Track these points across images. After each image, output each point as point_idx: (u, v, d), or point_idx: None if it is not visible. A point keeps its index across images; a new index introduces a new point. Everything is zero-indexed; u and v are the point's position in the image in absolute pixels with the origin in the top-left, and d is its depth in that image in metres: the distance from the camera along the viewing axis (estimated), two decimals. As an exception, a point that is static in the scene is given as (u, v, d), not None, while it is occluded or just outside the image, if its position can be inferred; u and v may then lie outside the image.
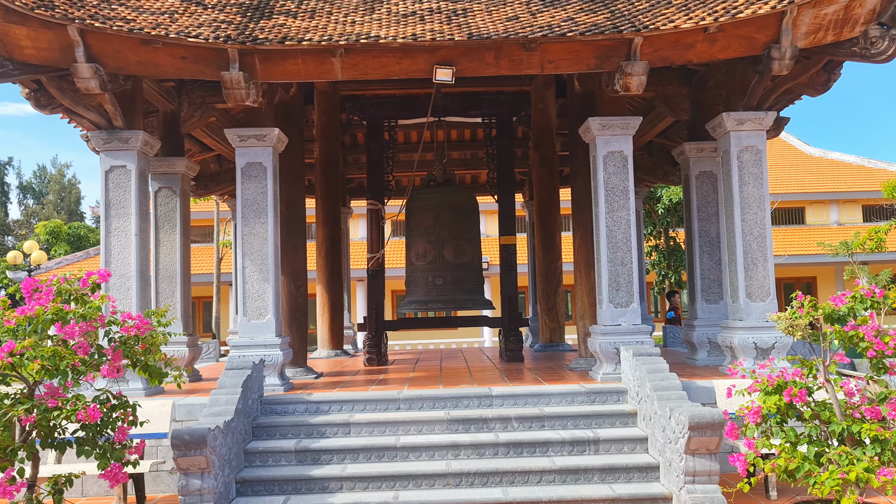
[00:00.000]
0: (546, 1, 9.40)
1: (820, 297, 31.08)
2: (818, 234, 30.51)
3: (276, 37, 8.40)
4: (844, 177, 33.47)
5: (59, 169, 64.42)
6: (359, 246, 24.87)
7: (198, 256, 26.21)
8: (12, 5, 7.85)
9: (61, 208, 61.04)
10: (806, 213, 32.69)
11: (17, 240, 55.57)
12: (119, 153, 9.27)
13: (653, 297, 29.20)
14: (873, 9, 8.32)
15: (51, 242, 38.57)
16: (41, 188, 63.73)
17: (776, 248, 26.98)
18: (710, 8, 8.52)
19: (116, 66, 8.54)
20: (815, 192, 32.26)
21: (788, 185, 32.30)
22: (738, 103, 9.48)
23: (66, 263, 30.00)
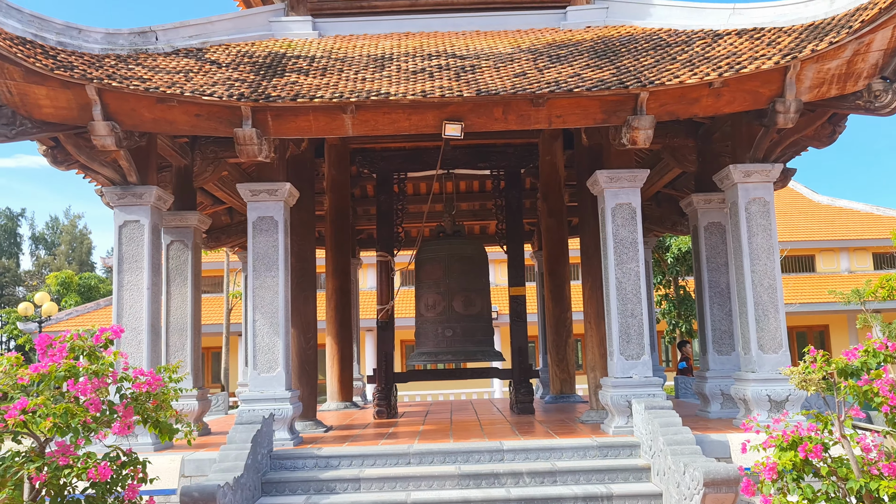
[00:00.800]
0: (553, 57, 9.59)
1: (833, 345, 30.78)
2: (829, 281, 30.35)
3: (289, 94, 8.58)
4: (854, 224, 33.44)
5: (72, 220, 65.11)
6: (368, 296, 24.91)
7: (207, 306, 26.25)
8: (33, 67, 8.07)
9: (72, 259, 61.48)
10: (816, 261, 32.59)
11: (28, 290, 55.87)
12: (133, 208, 9.39)
13: (664, 347, 28.98)
14: (875, 63, 8.44)
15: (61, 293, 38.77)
16: (53, 239, 64.34)
17: (787, 296, 26.85)
18: (714, 63, 8.67)
19: (132, 124, 8.72)
20: (824, 239, 32.22)
21: (798, 232, 32.28)
22: (745, 155, 9.57)
23: (76, 315, 30.11)
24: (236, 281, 25.51)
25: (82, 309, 31.07)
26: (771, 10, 9.61)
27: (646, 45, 9.81)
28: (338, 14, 11.53)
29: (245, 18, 11.16)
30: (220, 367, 25.74)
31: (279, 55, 10.14)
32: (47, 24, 8.96)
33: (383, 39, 10.92)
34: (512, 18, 11.41)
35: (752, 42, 9.13)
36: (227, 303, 24.36)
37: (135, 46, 9.72)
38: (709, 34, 9.80)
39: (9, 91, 8.30)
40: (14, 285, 57.50)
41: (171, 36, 10.17)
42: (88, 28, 9.36)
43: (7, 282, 57.16)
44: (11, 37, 8.33)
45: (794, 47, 8.52)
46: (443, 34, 11.16)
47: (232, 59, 9.91)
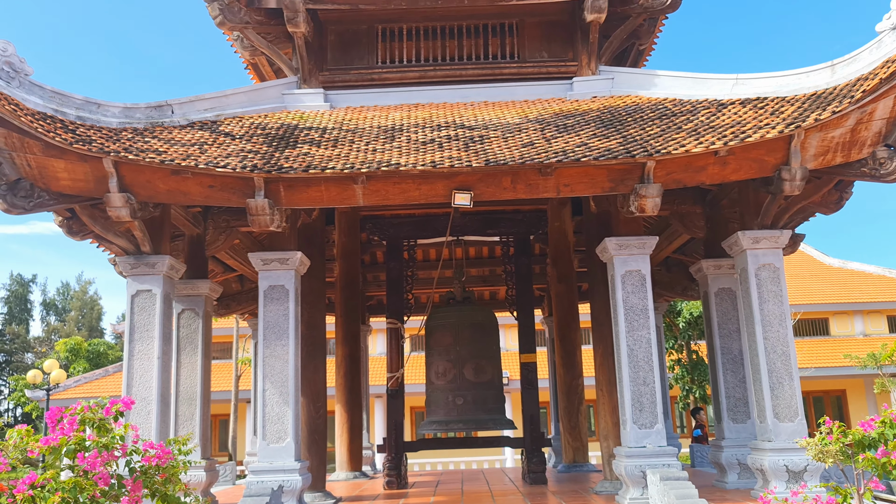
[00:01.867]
0: (560, 127, 9.77)
1: (851, 411, 30.23)
2: (844, 345, 30.02)
3: (301, 165, 8.74)
4: (866, 287, 33.24)
5: (83, 286, 65.52)
6: (377, 361, 24.77)
7: (216, 373, 26.13)
8: (53, 141, 8.28)
9: (82, 325, 61.62)
10: (830, 324, 32.30)
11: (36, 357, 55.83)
12: (145, 278, 9.47)
13: (678, 413, 28.52)
14: (879, 131, 8.55)
15: (70, 359, 38.71)
16: (64, 305, 64.62)
17: (802, 359, 26.52)
18: (719, 132, 8.80)
19: (147, 195, 8.88)
20: (837, 302, 31.99)
21: (810, 295, 32.08)
22: (753, 222, 9.62)
23: (84, 382, 30.00)
24: (245, 347, 25.46)
25: (91, 376, 30.98)
26: (773, 80, 9.80)
27: (651, 114, 9.99)
28: (349, 86, 11.83)
29: (259, 91, 11.47)
30: (228, 436, 25.45)
31: (292, 127, 10.37)
32: (67, 99, 9.23)
33: (394, 110, 11.16)
34: (519, 89, 11.67)
35: (755, 111, 9.28)
36: (236, 370, 24.26)
37: (151, 119, 9.97)
38: (713, 104, 9.98)
39: (28, 164, 8.49)
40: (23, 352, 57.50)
41: (186, 109, 10.44)
42: (107, 103, 9.62)
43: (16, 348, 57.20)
44: (33, 112, 8.57)
45: (797, 116, 8.66)
46: (452, 105, 11.41)
47: (245, 130, 10.14)
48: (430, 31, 12.10)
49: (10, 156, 8.42)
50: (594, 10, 11.21)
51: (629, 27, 11.79)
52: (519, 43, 12.03)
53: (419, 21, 12.03)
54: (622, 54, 13.04)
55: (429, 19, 12.02)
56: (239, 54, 13.08)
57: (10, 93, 8.52)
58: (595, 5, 11.19)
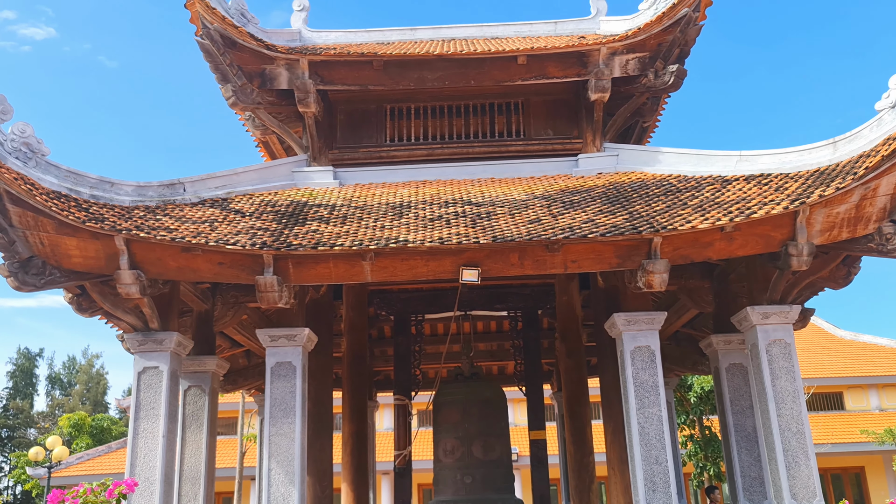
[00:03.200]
0: (566, 203, 9.87)
1: (871, 489, 29.39)
2: (860, 420, 29.42)
3: (310, 242, 8.81)
4: (880, 360, 32.78)
5: (89, 360, 65.23)
6: (384, 437, 24.37)
7: (220, 449, 25.64)
8: (66, 220, 8.41)
9: (87, 399, 61.09)
10: (845, 399, 31.73)
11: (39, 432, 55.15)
12: (153, 354, 9.45)
13: (692, 491, 27.78)
14: (884, 207, 8.61)
15: (73, 435, 38.19)
16: (69, 379, 64.21)
17: (817, 435, 25.97)
18: (724, 208, 8.87)
19: (157, 272, 8.94)
20: (851, 376, 31.50)
21: (823, 369, 31.63)
22: (762, 297, 9.59)
23: (87, 458, 29.54)
24: (251, 423, 25.13)
25: (93, 452, 30.52)
26: (776, 156, 9.93)
27: (657, 190, 10.10)
28: (358, 164, 12.05)
29: (269, 169, 11.68)
30: (231, 514, 24.86)
31: (301, 204, 10.51)
32: (82, 178, 9.42)
33: (401, 187, 11.32)
34: (526, 166, 11.85)
35: (760, 187, 9.38)
36: (240, 446, 23.89)
37: (163, 197, 10.14)
38: (717, 180, 10.09)
39: (41, 242, 8.60)
40: (26, 427, 56.86)
41: (198, 187, 10.62)
42: (120, 181, 9.81)
43: (19, 423, 56.59)
44: (48, 191, 8.74)
45: (801, 192, 8.73)
46: (459, 182, 11.57)
47: (255, 208, 10.28)
48: (438, 109, 12.39)
49: (23, 234, 8.54)
50: (598, 90, 11.48)
51: (633, 105, 12.04)
52: (525, 121, 12.29)
53: (427, 100, 12.33)
54: (626, 131, 13.27)
55: (436, 99, 12.32)
56: (251, 133, 13.39)
57: (27, 173, 8.71)
58: (599, 85, 11.46)
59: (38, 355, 63.08)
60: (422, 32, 13.60)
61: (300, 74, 11.52)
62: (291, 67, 11.58)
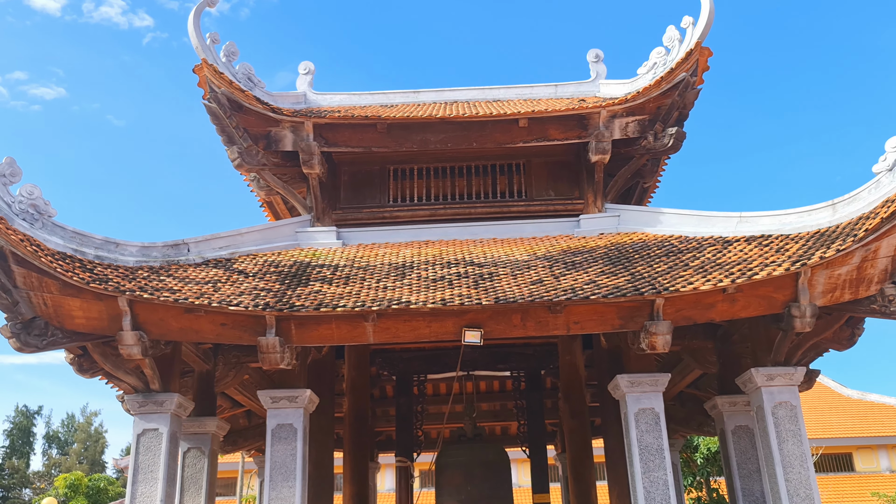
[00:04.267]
0: (568, 264, 9.90)
1: (884, 553, 28.62)
2: (870, 482, 28.86)
3: (312, 303, 8.82)
4: (890, 420, 32.31)
5: (87, 417, 64.47)
6: (386, 498, 23.92)
7: (219, 512, 25.22)
8: (71, 281, 8.45)
9: (84, 458, 60.20)
10: (854, 460, 31.18)
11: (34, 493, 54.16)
12: (153, 416, 9.37)
13: (700, 556, 27.06)
14: (885, 269, 8.63)
15: (69, 496, 37.47)
16: (67, 437, 63.37)
17: (827, 498, 25.45)
18: (726, 270, 8.89)
19: (159, 333, 8.94)
20: (860, 436, 31.02)
21: (830, 429, 31.18)
22: (766, 358, 9.53)
23: (82, 520, 28.92)
24: (250, 484, 24.73)
25: (89, 514, 29.88)
26: (776, 217, 10.00)
27: (658, 251, 10.15)
28: (361, 224, 12.14)
29: (273, 230, 11.77)
30: (228, 580, 24.24)
31: (304, 264, 10.56)
32: (87, 239, 9.49)
33: (404, 248, 11.38)
34: (527, 226, 11.93)
35: (761, 248, 9.42)
36: (239, 508, 23.45)
37: (167, 258, 10.20)
38: (718, 241, 10.14)
39: (44, 303, 8.62)
40: (21, 487, 55.87)
41: (202, 247, 10.69)
42: (125, 242, 9.88)
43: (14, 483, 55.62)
44: (53, 252, 8.80)
45: (802, 254, 8.77)
46: (461, 242, 11.63)
47: (259, 268, 10.32)
48: (441, 170, 12.54)
49: (27, 295, 8.57)
50: (598, 152, 11.64)
51: (633, 167, 12.18)
52: (526, 182, 12.42)
53: (429, 162, 12.49)
54: (627, 192, 13.40)
55: (439, 160, 12.49)
56: (255, 193, 13.53)
57: (33, 234, 8.79)
58: (599, 147, 11.62)
59: (36, 413, 62.39)
60: (425, 95, 13.87)
61: (305, 136, 11.71)
62: (296, 130, 11.78)
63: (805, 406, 9.56)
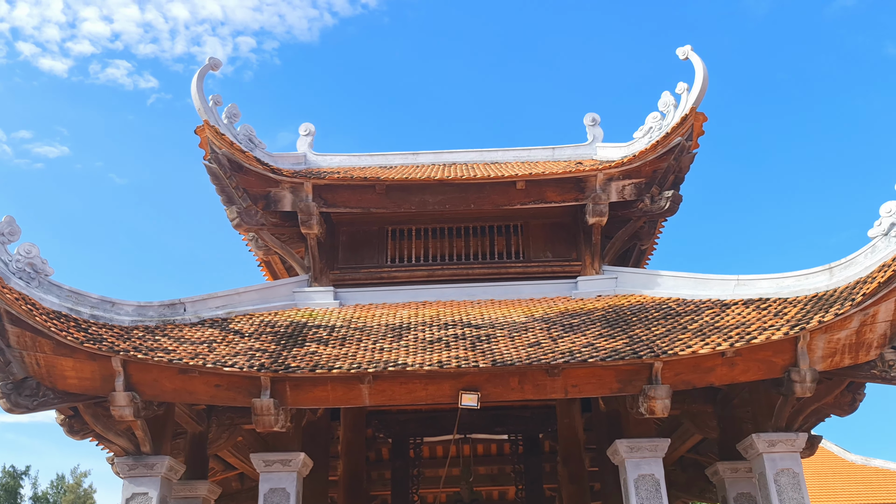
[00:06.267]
0: (566, 326, 9.85)
1: None
2: (876, 550, 28.07)
3: (308, 365, 8.73)
4: (894, 486, 31.67)
5: (77, 478, 62.97)
6: (380, 567, 23.21)
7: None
8: (65, 340, 8.38)
9: (72, 521, 58.65)
10: (859, 527, 30.43)
11: (18, 559, 52.58)
12: (143, 479, 9.18)
13: None
14: (884, 333, 8.59)
15: (56, 560, 36.47)
16: (56, 498, 61.91)
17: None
18: (724, 333, 8.84)
19: (153, 394, 8.82)
20: (865, 503, 30.34)
21: (834, 496, 30.44)
22: (767, 424, 9.41)
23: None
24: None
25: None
26: (774, 281, 10.00)
27: (656, 314, 10.11)
28: (359, 284, 12.12)
29: (270, 289, 11.75)
30: None
31: (301, 325, 10.50)
32: (83, 298, 9.46)
33: (402, 308, 11.34)
34: (525, 288, 11.92)
35: (759, 312, 9.39)
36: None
37: (163, 318, 10.15)
38: (716, 304, 10.12)
39: (37, 363, 8.53)
40: (3, 555, 54.31)
41: (198, 307, 10.65)
42: (121, 301, 9.85)
43: (-3, 549, 54.12)
44: (48, 311, 8.76)
45: (801, 318, 8.74)
46: (459, 303, 11.60)
47: (255, 328, 10.26)
48: (439, 231, 12.60)
49: (20, 355, 8.49)
50: (595, 214, 11.72)
51: (630, 229, 12.25)
52: (524, 243, 12.47)
53: (427, 222, 12.56)
54: (625, 254, 13.44)
55: (437, 221, 12.55)
56: (253, 253, 13.55)
57: (29, 293, 8.77)
58: (596, 209, 11.71)
59: (24, 473, 61.02)
60: (423, 157, 14.04)
61: (304, 197, 11.79)
62: (296, 190, 11.86)
63: (807, 471, 9.39)
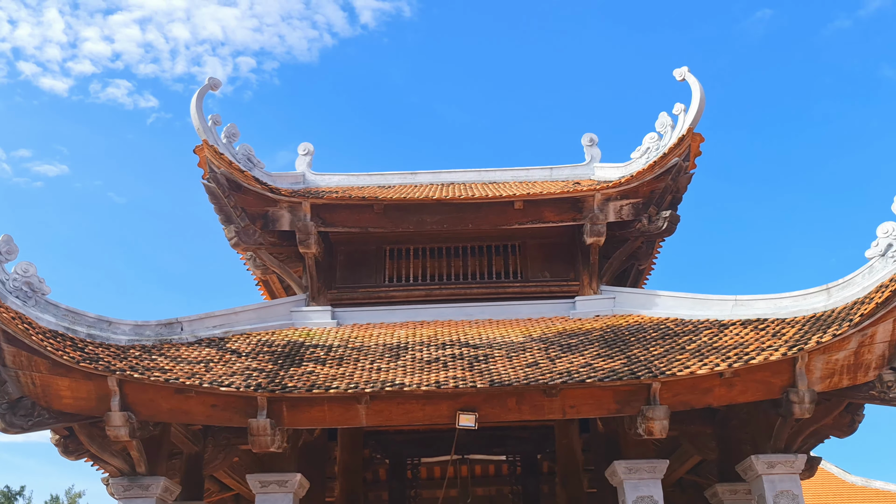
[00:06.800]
0: (564, 347, 9.83)
1: None
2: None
3: (305, 385, 8.69)
4: (894, 508, 31.45)
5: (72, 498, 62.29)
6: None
7: None
8: (61, 360, 8.35)
9: (66, 542, 58.11)
10: (861, 553, 30.16)
11: (14, 578, 52.01)
12: (138, 500, 9.13)
13: None
14: (882, 354, 8.57)
15: (49, 583, 36.08)
16: (50, 519, 61.39)
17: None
18: (722, 354, 8.82)
19: (148, 414, 8.77)
20: (867, 526, 30.09)
21: (835, 517, 30.27)
22: (766, 445, 9.37)
23: None
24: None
25: None
26: (772, 301, 10.00)
27: (654, 334, 10.10)
28: (356, 304, 12.10)
29: (268, 309, 11.73)
30: None
31: (298, 344, 10.47)
32: (80, 317, 9.44)
33: (399, 328, 11.32)
34: (523, 307, 11.91)
35: (756, 332, 9.38)
36: None
37: (160, 337, 10.12)
38: (714, 324, 10.11)
39: (32, 382, 8.49)
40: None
41: (195, 326, 10.62)
42: (118, 321, 9.83)
43: (-7, 568, 53.54)
44: (44, 330, 8.73)
45: (798, 338, 8.73)
46: (457, 322, 11.58)
47: (252, 348, 10.23)
48: (437, 251, 12.60)
49: (16, 374, 8.46)
50: (593, 234, 11.73)
51: (628, 249, 12.26)
52: (522, 263, 12.47)
53: (426, 242, 12.56)
54: (623, 274, 13.44)
55: (435, 240, 12.56)
56: (251, 272, 13.55)
57: (26, 312, 8.75)
58: (594, 229, 11.72)
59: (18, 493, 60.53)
60: (422, 176, 14.08)
61: (302, 217, 11.81)
62: (294, 210, 11.88)
63: (807, 493, 9.35)
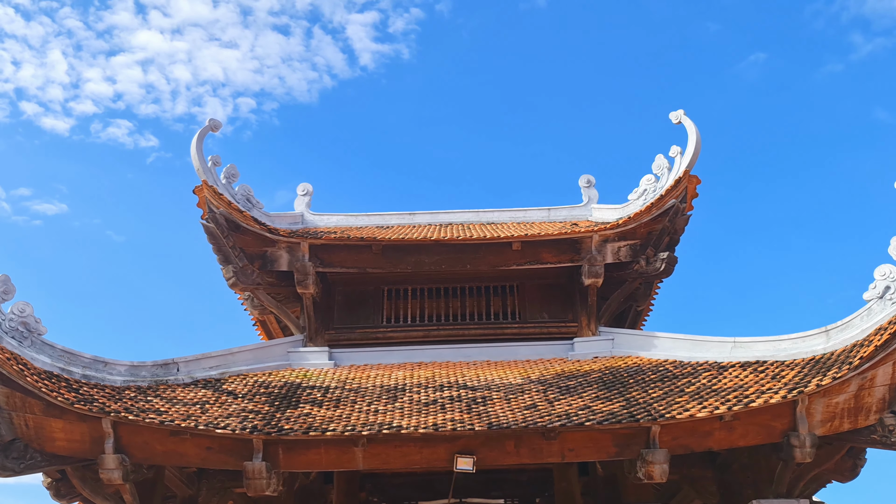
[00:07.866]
0: (562, 389, 9.77)
1: None
2: None
3: (301, 427, 8.60)
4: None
5: (63, 542, 61.55)
6: None
7: None
8: (55, 401, 8.27)
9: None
10: None
11: None
12: (129, 545, 8.94)
13: None
14: (883, 398, 8.52)
15: None
16: (40, 564, 60.19)
17: None
18: (722, 397, 8.76)
19: (143, 457, 8.67)
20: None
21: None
22: (768, 490, 9.25)
23: None
24: None
25: None
26: (770, 343, 9.96)
27: (653, 376, 10.04)
28: (354, 344, 12.05)
29: (265, 350, 11.67)
30: None
31: (295, 385, 10.39)
32: (76, 358, 9.39)
33: (397, 369, 11.24)
34: (521, 349, 11.86)
35: (756, 375, 9.33)
36: None
37: (156, 378, 10.05)
38: (713, 366, 10.06)
39: (26, 424, 8.41)
40: None
41: (192, 367, 10.56)
42: (114, 361, 9.76)
43: None
44: (39, 371, 8.67)
45: (798, 381, 8.68)
46: (454, 364, 11.51)
47: (249, 389, 10.15)
48: (435, 291, 12.59)
49: (9, 416, 8.38)
50: (591, 275, 11.74)
51: (626, 290, 12.25)
52: (520, 304, 12.45)
53: (424, 283, 12.55)
54: (621, 315, 13.41)
55: (433, 281, 12.55)
56: (248, 312, 13.51)
57: (21, 352, 8.70)
58: (592, 271, 11.73)
59: (9, 536, 59.53)
60: (420, 217, 14.12)
61: (300, 257, 11.82)
62: (292, 250, 11.89)
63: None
